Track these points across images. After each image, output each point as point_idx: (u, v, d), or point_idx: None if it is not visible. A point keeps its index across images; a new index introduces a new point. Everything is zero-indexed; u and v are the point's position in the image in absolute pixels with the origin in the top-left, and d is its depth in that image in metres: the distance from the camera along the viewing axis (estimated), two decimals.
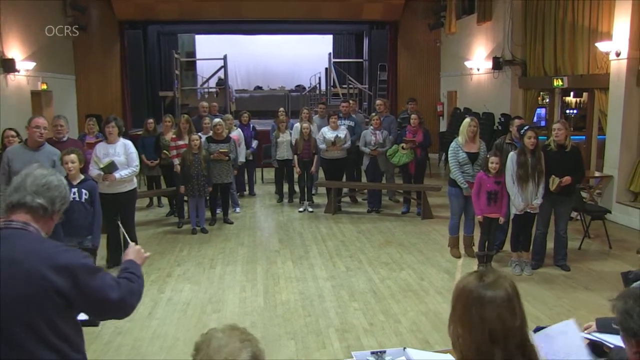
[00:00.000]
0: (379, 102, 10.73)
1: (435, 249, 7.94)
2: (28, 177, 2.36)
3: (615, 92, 9.42)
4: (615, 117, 9.43)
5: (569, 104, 14.73)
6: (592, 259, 7.52)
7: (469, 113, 14.02)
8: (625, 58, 9.11)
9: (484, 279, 1.91)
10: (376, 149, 9.73)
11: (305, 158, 10.00)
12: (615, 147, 9.48)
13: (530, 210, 6.67)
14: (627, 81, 9.14)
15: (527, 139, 6.48)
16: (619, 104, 9.31)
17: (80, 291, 2.22)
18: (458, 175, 7.21)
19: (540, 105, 13.98)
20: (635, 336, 1.92)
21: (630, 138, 9.35)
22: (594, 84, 10.21)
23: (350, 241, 8.35)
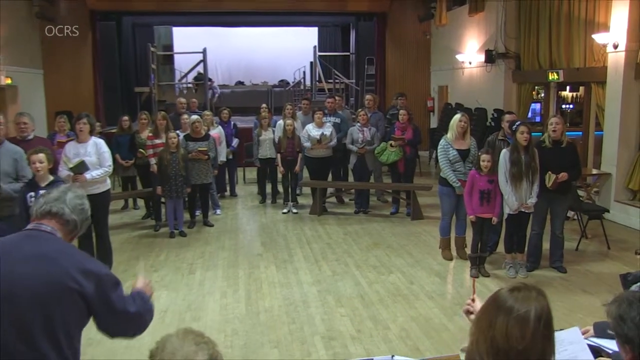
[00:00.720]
0: (369, 98, 10.73)
1: (425, 251, 7.95)
2: (68, 192, 2.63)
3: (612, 85, 9.49)
4: (613, 112, 9.51)
5: (565, 99, 14.87)
6: (589, 260, 7.56)
7: (460, 109, 14.09)
8: (623, 50, 9.18)
9: (516, 291, 1.88)
10: (364, 147, 9.73)
11: (289, 157, 9.97)
12: (613, 144, 9.56)
13: (525, 209, 6.69)
14: (625, 74, 9.22)
15: (519, 135, 6.50)
16: (617, 98, 9.38)
17: (102, 300, 2.41)
18: (449, 174, 7.23)
19: (535, 100, 14.08)
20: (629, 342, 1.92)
21: (629, 134, 9.43)
22: (591, 77, 10.28)
23: (336, 243, 8.34)
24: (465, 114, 7.44)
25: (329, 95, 11.47)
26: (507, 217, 6.80)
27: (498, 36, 13.11)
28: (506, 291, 1.90)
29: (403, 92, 12.06)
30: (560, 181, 6.65)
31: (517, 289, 1.90)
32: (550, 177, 6.63)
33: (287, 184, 10.24)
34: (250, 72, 22.62)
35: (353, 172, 10.20)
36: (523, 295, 1.86)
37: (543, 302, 1.85)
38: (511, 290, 1.90)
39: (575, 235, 8.34)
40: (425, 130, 15.85)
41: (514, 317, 1.80)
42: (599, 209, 8.55)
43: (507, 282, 6.63)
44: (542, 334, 1.81)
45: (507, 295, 1.87)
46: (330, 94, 13.39)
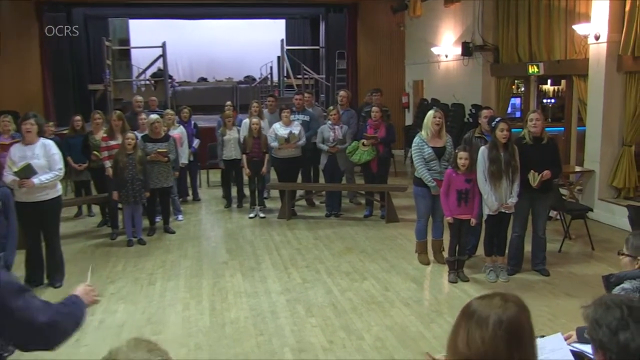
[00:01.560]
0: (343, 94, 10.75)
1: (401, 255, 7.98)
2: None
3: (594, 78, 9.65)
4: (595, 106, 9.67)
5: (546, 93, 15.08)
6: (573, 262, 7.67)
7: (436, 104, 14.20)
8: (605, 42, 9.35)
9: (493, 300, 1.88)
10: (335, 146, 9.74)
11: (255, 158, 9.94)
12: (596, 139, 9.72)
13: (505, 210, 6.76)
14: (607, 67, 9.39)
15: (499, 132, 6.57)
16: (599, 92, 9.55)
17: (2, 312, 2.23)
18: (424, 173, 7.27)
19: (515, 94, 14.25)
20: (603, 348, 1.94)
21: (612, 129, 9.60)
22: (572, 70, 10.45)
23: (306, 249, 8.33)
24: (440, 110, 7.50)
25: (297, 92, 11.46)
26: (487, 218, 6.86)
27: (475, 28, 13.25)
28: (475, 298, 1.92)
29: (378, 88, 12.10)
30: (543, 180, 6.74)
31: (487, 296, 1.92)
32: (534, 176, 6.70)
33: (254, 186, 10.20)
34: (214, 67, 22.48)
35: (324, 172, 10.22)
36: (487, 301, 1.87)
37: (511, 309, 1.84)
38: (480, 297, 1.93)
39: (558, 236, 8.45)
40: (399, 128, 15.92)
41: (474, 321, 1.82)
42: (583, 208, 8.69)
43: (487, 287, 6.70)
44: (504, 339, 1.79)
45: (474, 302, 1.90)
46: (299, 90, 13.40)
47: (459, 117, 13.66)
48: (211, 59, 22.49)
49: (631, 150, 9.47)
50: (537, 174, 6.69)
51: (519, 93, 14.45)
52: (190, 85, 21.23)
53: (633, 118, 9.22)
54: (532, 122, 6.83)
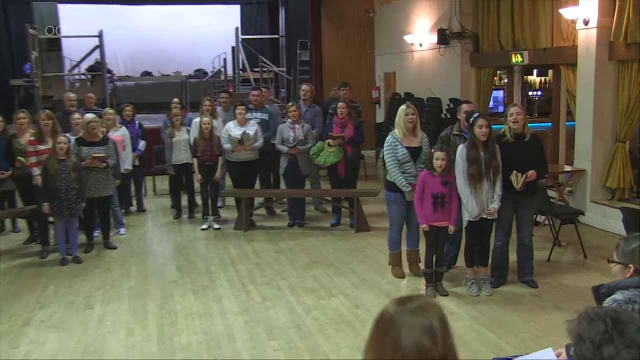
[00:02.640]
0: (306, 89, 10.79)
1: (373, 268, 8.02)
2: None
3: (584, 68, 9.83)
4: (586, 99, 9.86)
5: (532, 85, 15.34)
6: (564, 272, 7.80)
7: (410, 99, 14.31)
8: (595, 27, 9.52)
9: (407, 305, 2.00)
10: (296, 148, 9.76)
11: (207, 162, 9.91)
12: (587, 136, 9.90)
13: (487, 216, 6.84)
14: (598, 55, 9.57)
15: (477, 129, 6.64)
16: (590, 83, 9.73)
17: None
18: (398, 177, 7.30)
19: (498, 87, 14.47)
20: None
21: (604, 124, 9.79)
22: (560, 59, 10.65)
23: (267, 264, 8.33)
24: (412, 105, 7.53)
25: (254, 87, 11.45)
26: (467, 226, 6.94)
27: (452, 13, 13.40)
28: (394, 311, 2.01)
29: (346, 82, 12.15)
30: (528, 181, 6.84)
31: (401, 304, 2.03)
32: (518, 178, 6.78)
33: (207, 194, 10.16)
34: (159, 60, 22.33)
35: (285, 177, 10.23)
36: (414, 307, 2.00)
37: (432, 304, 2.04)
38: (398, 307, 2.02)
39: (546, 244, 8.58)
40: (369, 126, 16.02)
41: (417, 331, 1.93)
42: (573, 211, 8.82)
43: (469, 301, 6.78)
44: (450, 336, 1.98)
45: (400, 314, 1.98)
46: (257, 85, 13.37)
47: (436, 113, 13.79)
48: (156, 50, 22.34)
49: (625, 147, 9.68)
50: (520, 175, 6.79)
51: (502, 85, 14.67)
52: (133, 81, 21.05)
53: (627, 111, 9.42)
54: (512, 118, 6.91)
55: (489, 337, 5.93)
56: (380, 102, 17.77)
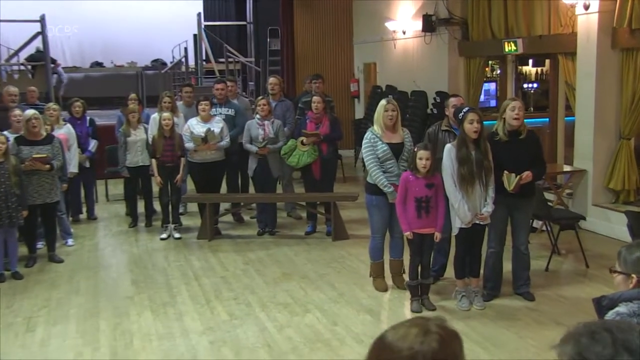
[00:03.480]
0: (273, 81, 10.79)
1: (352, 281, 8.03)
2: None
3: (584, 57, 9.90)
4: (586, 91, 9.93)
5: (527, 76, 15.45)
6: (563, 282, 7.87)
7: (392, 93, 14.34)
8: (596, 12, 9.59)
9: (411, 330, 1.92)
10: (265, 146, 9.74)
11: (167, 163, 9.87)
12: (588, 132, 9.98)
13: (480, 220, 6.86)
14: (600, 42, 9.64)
15: (467, 125, 6.65)
16: (590, 73, 9.80)
17: None
18: (379, 176, 7.31)
19: (489, 78, 14.54)
20: None
21: (607, 119, 9.87)
22: (557, 47, 10.73)
23: (234, 277, 8.32)
24: (393, 100, 7.56)
25: (218, 80, 11.43)
26: (457, 232, 6.95)
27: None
28: (390, 328, 1.96)
29: (319, 74, 12.16)
30: (523, 182, 6.85)
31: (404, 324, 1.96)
32: (509, 179, 6.80)
33: (166, 199, 10.12)
34: (112, 49, 22.15)
35: (253, 180, 10.22)
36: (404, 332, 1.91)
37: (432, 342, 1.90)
38: (396, 326, 1.96)
39: (544, 252, 8.64)
40: (347, 122, 16.05)
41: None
42: (573, 216, 8.90)
43: (459, 316, 6.80)
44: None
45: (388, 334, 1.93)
46: (221, 77, 13.33)
47: (421, 108, 13.81)
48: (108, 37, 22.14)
49: (630, 144, 9.77)
50: (513, 175, 6.80)
51: (494, 77, 14.75)
52: (81, 72, 20.91)
53: (632, 105, 9.51)
54: (513, 113, 6.89)
55: (481, 355, 5.94)
56: (360, 95, 17.80)
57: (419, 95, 14.04)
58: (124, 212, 11.54)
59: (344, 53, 18.03)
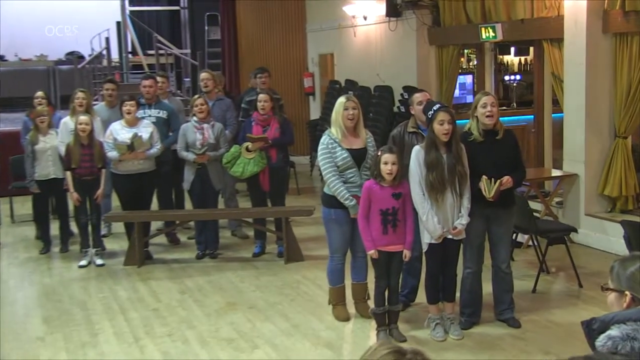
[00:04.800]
0: (205, 76, 10.81)
1: (308, 309, 8.05)
2: None
3: (572, 44, 10.05)
4: (575, 83, 10.08)
5: (509, 67, 15.64)
6: (553, 305, 7.95)
7: (352, 88, 14.42)
8: None
9: None
10: (204, 154, 9.74)
11: (85, 176, 9.80)
12: (579, 130, 10.12)
13: (453, 235, 6.91)
14: (589, 27, 9.79)
15: (437, 125, 6.69)
16: (580, 63, 9.95)
17: None
18: (338, 188, 7.30)
19: (465, 70, 14.68)
20: None
21: (600, 114, 10.02)
22: (542, 33, 10.88)
23: (169, 309, 8.28)
24: (353, 97, 7.56)
25: (147, 75, 11.38)
26: (428, 250, 6.98)
27: None
28: None
29: (265, 67, 12.18)
30: (503, 189, 6.90)
31: None
32: (488, 185, 6.86)
33: (85, 219, 10.05)
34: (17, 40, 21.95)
35: (190, 194, 10.19)
36: None
37: None
38: None
39: (531, 270, 8.75)
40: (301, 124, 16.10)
41: None
42: (563, 228, 8.97)
43: (434, 348, 6.83)
44: None
45: None
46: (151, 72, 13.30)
47: (386, 105, 13.89)
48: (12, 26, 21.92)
49: (627, 143, 9.93)
50: (492, 180, 6.86)
51: (470, 68, 14.90)
52: None
53: (627, 98, 9.66)
54: (485, 110, 6.94)
55: None
56: (315, 92, 17.82)
57: (383, 90, 14.13)
58: (34, 235, 11.40)
59: (295, 43, 18.05)
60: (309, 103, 18.02)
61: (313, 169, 15.65)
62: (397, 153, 6.88)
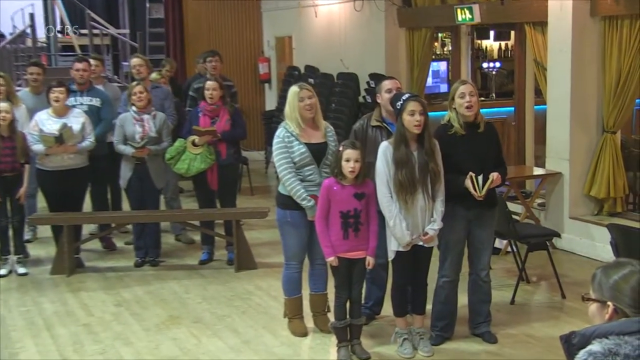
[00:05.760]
0: (137, 62, 10.84)
1: (260, 323, 8.05)
2: None
3: (557, 28, 10.15)
4: (560, 72, 10.17)
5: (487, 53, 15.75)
6: (534, 318, 8.03)
7: (313, 75, 14.44)
8: None
9: None
10: (144, 148, 9.73)
11: (5, 172, 9.71)
12: (563, 124, 10.22)
13: (424, 242, 6.93)
14: (576, 9, 9.89)
15: (407, 117, 6.67)
16: (565, 49, 10.04)
17: None
18: (295, 187, 7.30)
19: (439, 56, 14.77)
20: None
21: (586, 106, 10.13)
22: (524, 15, 10.98)
23: (102, 323, 8.23)
24: (308, 85, 7.51)
25: (79, 58, 11.31)
26: (395, 257, 6.97)
27: None
28: None
29: (215, 50, 12.17)
30: (492, 187, 6.90)
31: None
32: (477, 182, 6.82)
33: (5, 222, 9.97)
34: None
35: (128, 193, 10.17)
36: None
37: None
38: None
39: (509, 279, 8.83)
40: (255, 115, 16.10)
41: None
42: (546, 232, 9.06)
43: None
44: None
45: None
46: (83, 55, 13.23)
47: (351, 95, 13.93)
48: None
49: (615, 139, 10.02)
50: (480, 178, 6.83)
51: (445, 54, 14.99)
52: None
53: (617, 88, 9.76)
54: (463, 100, 6.92)
55: None
56: (271, 79, 17.83)
57: (347, 78, 14.17)
58: None
59: (249, 23, 18.07)
60: (264, 91, 18.03)
61: (268, 165, 15.69)
62: (360, 149, 6.84)
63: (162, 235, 10.62)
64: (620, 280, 3.37)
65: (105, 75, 11.86)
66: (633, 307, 3.33)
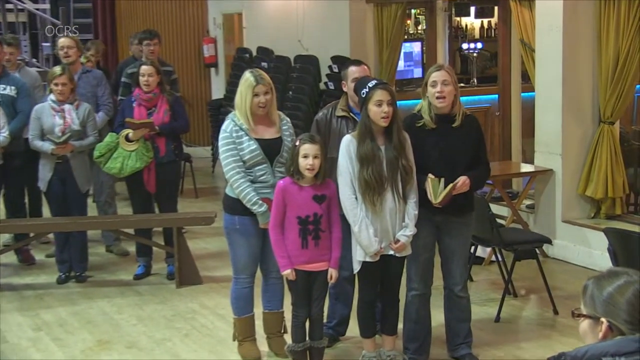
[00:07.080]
0: (66, 43, 10.73)
1: (206, 347, 8.05)
2: None
3: (546, 4, 10.22)
4: (550, 53, 10.25)
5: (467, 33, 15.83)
6: (522, 338, 8.08)
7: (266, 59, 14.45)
8: None
9: None
10: (66, 144, 9.68)
11: None
12: (554, 114, 10.28)
13: (395, 251, 6.92)
14: None
15: (374, 107, 6.67)
16: (556, 27, 10.10)
17: None
18: (245, 189, 7.27)
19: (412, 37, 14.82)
20: None
21: (580, 94, 10.21)
22: None
23: (16, 350, 8.19)
24: (262, 74, 7.40)
25: None
26: (361, 269, 6.96)
27: None
28: None
29: (153, 30, 12.14)
30: (457, 193, 6.91)
31: None
32: (435, 186, 6.85)
33: None
34: None
35: (49, 197, 10.14)
36: None
37: None
38: None
39: (494, 293, 8.89)
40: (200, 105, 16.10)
41: None
42: (535, 238, 9.10)
43: None
44: None
45: None
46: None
47: (311, 81, 13.95)
48: None
49: (614, 130, 10.07)
50: (442, 181, 6.82)
51: (419, 34, 15.05)
52: None
53: (615, 73, 9.81)
54: (434, 90, 6.90)
55: None
56: (218, 63, 17.83)
57: (307, 62, 14.19)
58: None
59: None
60: (210, 77, 18.02)
61: (215, 164, 15.59)
62: (320, 143, 6.82)
63: (91, 246, 10.57)
64: (614, 293, 3.38)
65: (22, 58, 11.75)
66: (630, 324, 3.34)
